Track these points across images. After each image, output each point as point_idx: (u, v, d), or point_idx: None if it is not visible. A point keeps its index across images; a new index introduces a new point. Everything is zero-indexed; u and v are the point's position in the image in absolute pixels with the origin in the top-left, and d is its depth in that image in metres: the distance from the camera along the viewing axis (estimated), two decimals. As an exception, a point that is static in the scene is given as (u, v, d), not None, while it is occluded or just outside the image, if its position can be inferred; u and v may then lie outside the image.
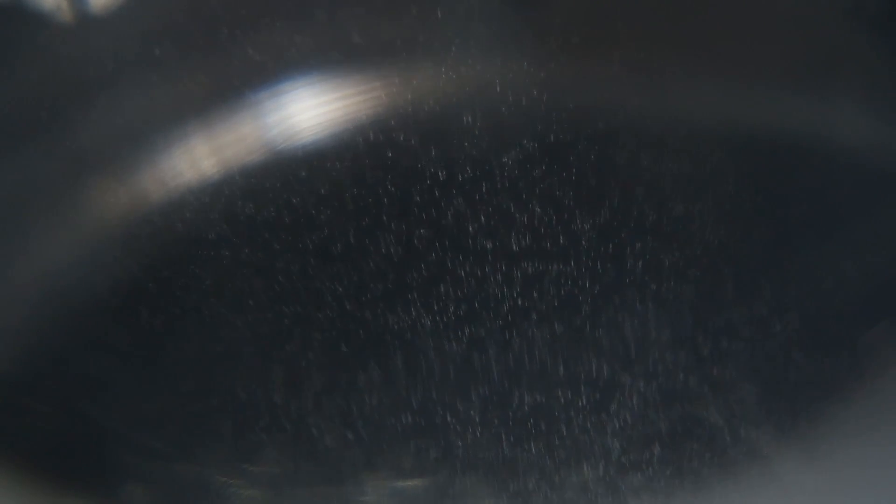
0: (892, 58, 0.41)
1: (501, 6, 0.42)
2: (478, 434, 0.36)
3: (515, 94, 0.40)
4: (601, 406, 0.36)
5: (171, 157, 0.40)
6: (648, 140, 0.40)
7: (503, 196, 0.39)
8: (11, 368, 0.37)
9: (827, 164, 0.40)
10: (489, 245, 0.38)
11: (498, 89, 0.41)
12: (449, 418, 0.36)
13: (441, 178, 0.39)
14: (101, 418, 0.36)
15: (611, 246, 0.38)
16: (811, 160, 0.40)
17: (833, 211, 0.39)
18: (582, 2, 0.42)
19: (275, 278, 0.38)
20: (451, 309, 0.37)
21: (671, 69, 0.41)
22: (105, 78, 0.40)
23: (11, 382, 0.37)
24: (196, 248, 0.39)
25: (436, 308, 0.37)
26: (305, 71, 0.42)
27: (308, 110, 0.41)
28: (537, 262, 0.38)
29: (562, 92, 0.41)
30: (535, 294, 0.37)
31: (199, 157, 0.40)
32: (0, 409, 0.37)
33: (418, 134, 0.40)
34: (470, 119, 0.40)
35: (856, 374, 0.36)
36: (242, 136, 0.41)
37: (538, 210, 0.38)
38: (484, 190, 0.39)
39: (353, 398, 0.36)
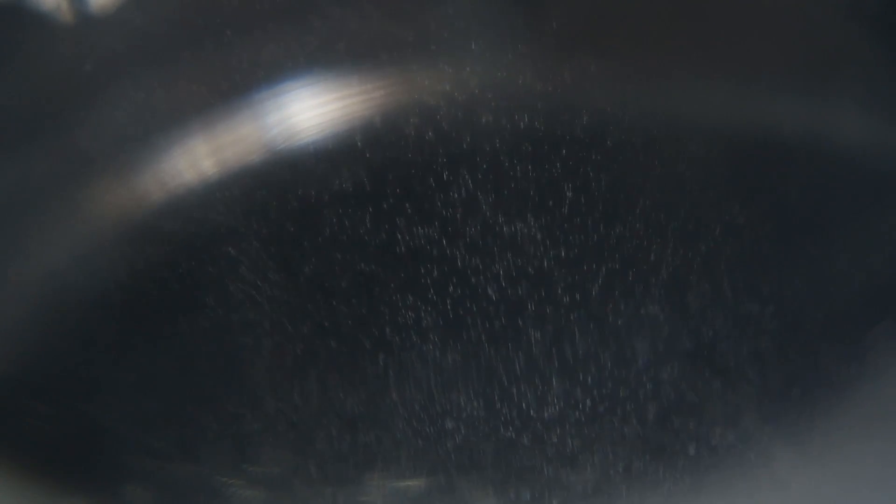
0: (892, 58, 0.41)
1: (501, 6, 0.42)
2: (478, 434, 0.36)
3: (515, 93, 0.40)
4: (600, 406, 0.36)
5: (171, 157, 0.40)
6: (648, 140, 0.40)
7: (503, 195, 0.39)
8: (11, 368, 0.37)
9: (827, 164, 0.40)
10: (490, 243, 0.38)
11: (498, 89, 0.41)
12: (449, 419, 0.36)
13: (441, 178, 0.39)
14: (101, 418, 0.36)
15: (610, 244, 0.38)
16: (811, 160, 0.40)
17: (833, 211, 0.39)
18: (582, 2, 0.42)
19: (275, 278, 0.38)
20: (452, 308, 0.37)
21: (671, 69, 0.41)
22: (105, 78, 0.40)
23: (11, 382, 0.37)
24: (196, 247, 0.39)
25: (437, 307, 0.37)
26: (305, 71, 0.42)
27: (308, 110, 0.41)
28: (537, 261, 0.38)
29: (562, 92, 0.41)
30: (534, 293, 0.37)
31: (199, 157, 0.40)
32: (0, 409, 0.37)
33: (418, 134, 0.40)
34: (470, 119, 0.40)
35: (856, 374, 0.36)
36: (242, 136, 0.41)
37: (538, 208, 0.38)
38: (484, 189, 0.39)
39: (354, 398, 0.36)
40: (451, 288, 0.37)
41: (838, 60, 0.41)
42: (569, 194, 0.39)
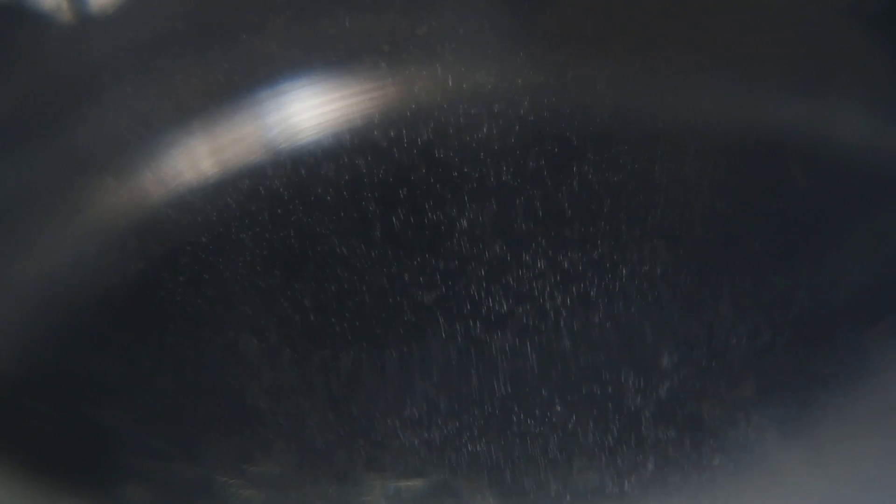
0: (892, 58, 0.41)
1: (501, 7, 0.42)
2: (477, 434, 0.36)
3: (515, 93, 0.40)
4: (601, 406, 0.36)
5: (171, 157, 0.40)
6: (648, 140, 0.40)
7: (503, 195, 0.39)
8: (11, 368, 0.37)
9: (827, 164, 0.40)
10: (489, 244, 0.38)
11: (498, 89, 0.41)
12: (449, 419, 0.36)
13: (442, 178, 0.39)
14: (101, 418, 0.36)
15: (610, 245, 0.38)
16: (811, 160, 0.40)
17: (833, 211, 0.39)
18: (582, 2, 0.42)
19: (275, 278, 0.38)
20: (452, 309, 0.37)
21: (671, 69, 0.41)
22: (105, 78, 0.40)
23: (11, 382, 0.37)
24: (196, 248, 0.39)
25: (436, 309, 0.37)
26: (305, 71, 0.42)
27: (308, 110, 0.41)
28: (536, 262, 0.38)
29: (561, 92, 0.41)
30: (534, 294, 0.37)
31: (199, 157, 0.40)
32: (0, 409, 0.37)
33: (418, 134, 0.40)
34: (470, 119, 0.40)
35: (856, 374, 0.36)
36: (242, 136, 0.41)
37: (538, 209, 0.38)
38: (484, 189, 0.39)
39: (354, 399, 0.36)
40: (449, 289, 0.37)
41: (838, 60, 0.41)
42: (569, 193, 0.39)
